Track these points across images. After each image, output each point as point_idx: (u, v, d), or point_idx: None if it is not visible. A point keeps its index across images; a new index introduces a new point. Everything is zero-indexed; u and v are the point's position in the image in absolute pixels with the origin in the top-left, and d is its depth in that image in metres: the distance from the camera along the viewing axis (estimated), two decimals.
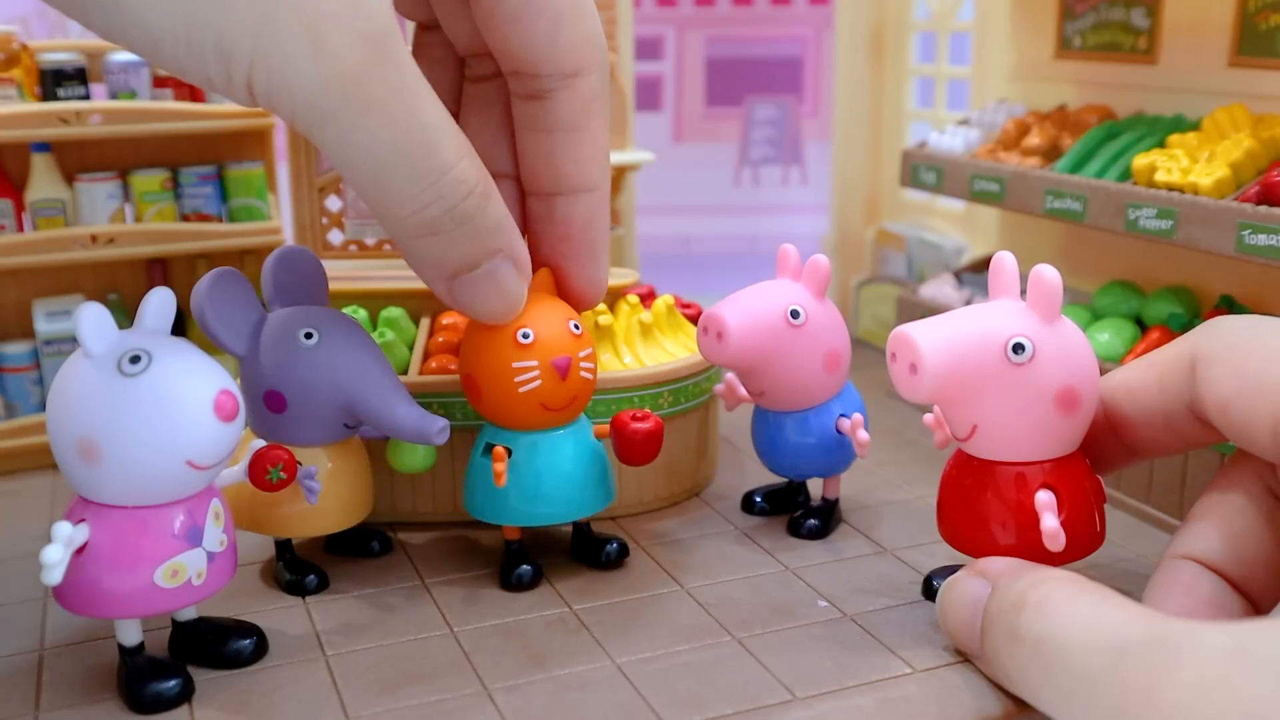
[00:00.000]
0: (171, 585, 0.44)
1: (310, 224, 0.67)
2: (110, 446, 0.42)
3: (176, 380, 0.43)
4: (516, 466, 0.53)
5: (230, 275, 0.51)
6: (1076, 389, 0.46)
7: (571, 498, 0.54)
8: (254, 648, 0.49)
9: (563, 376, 0.52)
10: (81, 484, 0.44)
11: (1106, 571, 0.56)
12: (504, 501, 0.54)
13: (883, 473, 0.69)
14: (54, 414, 0.43)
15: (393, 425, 0.51)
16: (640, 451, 0.55)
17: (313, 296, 0.55)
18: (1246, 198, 0.58)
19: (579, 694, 0.46)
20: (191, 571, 0.45)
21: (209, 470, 0.44)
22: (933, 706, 0.45)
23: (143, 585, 0.44)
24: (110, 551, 0.44)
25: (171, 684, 0.46)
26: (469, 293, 0.48)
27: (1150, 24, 0.73)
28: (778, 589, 0.55)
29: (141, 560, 0.44)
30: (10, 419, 0.71)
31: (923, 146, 0.84)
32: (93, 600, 0.44)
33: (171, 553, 0.44)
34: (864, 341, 0.97)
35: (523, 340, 0.51)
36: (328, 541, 0.59)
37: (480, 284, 0.48)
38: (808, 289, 0.58)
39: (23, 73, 0.71)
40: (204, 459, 0.43)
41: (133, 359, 0.43)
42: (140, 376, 0.42)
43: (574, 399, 0.53)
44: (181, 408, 0.43)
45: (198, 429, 0.43)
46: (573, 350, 0.52)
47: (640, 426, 0.54)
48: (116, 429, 0.42)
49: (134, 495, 0.43)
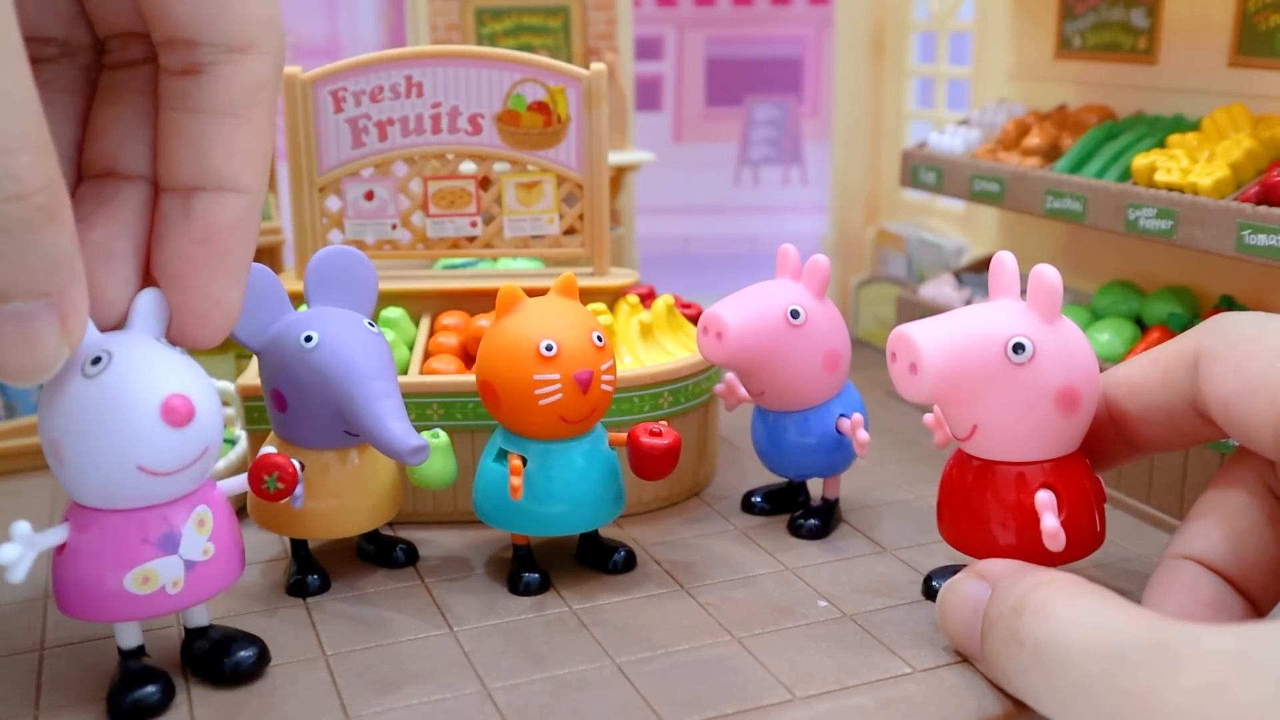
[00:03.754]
0: (143, 591, 0.43)
1: (310, 224, 0.67)
2: (69, 449, 0.42)
3: (126, 383, 0.41)
4: (530, 475, 0.53)
5: (255, 271, 0.51)
6: (1076, 389, 0.46)
7: (583, 509, 0.54)
8: (255, 660, 0.48)
9: (584, 390, 0.51)
10: (63, 485, 0.44)
11: (1107, 571, 0.56)
12: (515, 509, 0.54)
13: (883, 473, 0.69)
14: (38, 414, 0.43)
15: (373, 438, 0.50)
16: (656, 467, 0.54)
17: (353, 300, 0.54)
18: (1246, 198, 0.58)
19: (579, 694, 0.46)
20: (165, 579, 0.44)
21: (170, 476, 0.42)
22: (933, 706, 0.45)
23: (113, 589, 0.43)
24: (82, 554, 0.43)
25: (150, 689, 0.45)
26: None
27: (1150, 24, 0.73)
28: (778, 589, 0.55)
29: (110, 564, 0.43)
30: (10, 419, 0.71)
31: (923, 146, 0.84)
32: (71, 601, 0.44)
33: (141, 559, 0.43)
34: (864, 341, 0.97)
35: (546, 353, 0.51)
36: (358, 550, 0.59)
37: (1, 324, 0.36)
38: (808, 289, 0.58)
39: None
40: (156, 464, 0.42)
41: (94, 360, 0.41)
42: (98, 378, 0.41)
43: (593, 411, 0.52)
44: (128, 411, 0.41)
45: (146, 434, 0.41)
46: (595, 364, 0.51)
47: (657, 443, 0.53)
48: (72, 432, 0.41)
49: (97, 498, 0.43)
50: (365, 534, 0.57)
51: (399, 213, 0.68)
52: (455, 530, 0.62)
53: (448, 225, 0.69)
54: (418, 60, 0.65)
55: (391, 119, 0.66)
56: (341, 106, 0.66)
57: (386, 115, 0.66)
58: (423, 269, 0.73)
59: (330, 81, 0.65)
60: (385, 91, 0.66)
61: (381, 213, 0.68)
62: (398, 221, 0.68)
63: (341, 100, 0.65)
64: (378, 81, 0.65)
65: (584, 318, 0.53)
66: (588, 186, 0.67)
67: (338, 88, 0.65)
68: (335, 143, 0.66)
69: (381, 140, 0.66)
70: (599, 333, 0.52)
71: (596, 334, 0.52)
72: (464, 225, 0.68)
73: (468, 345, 0.64)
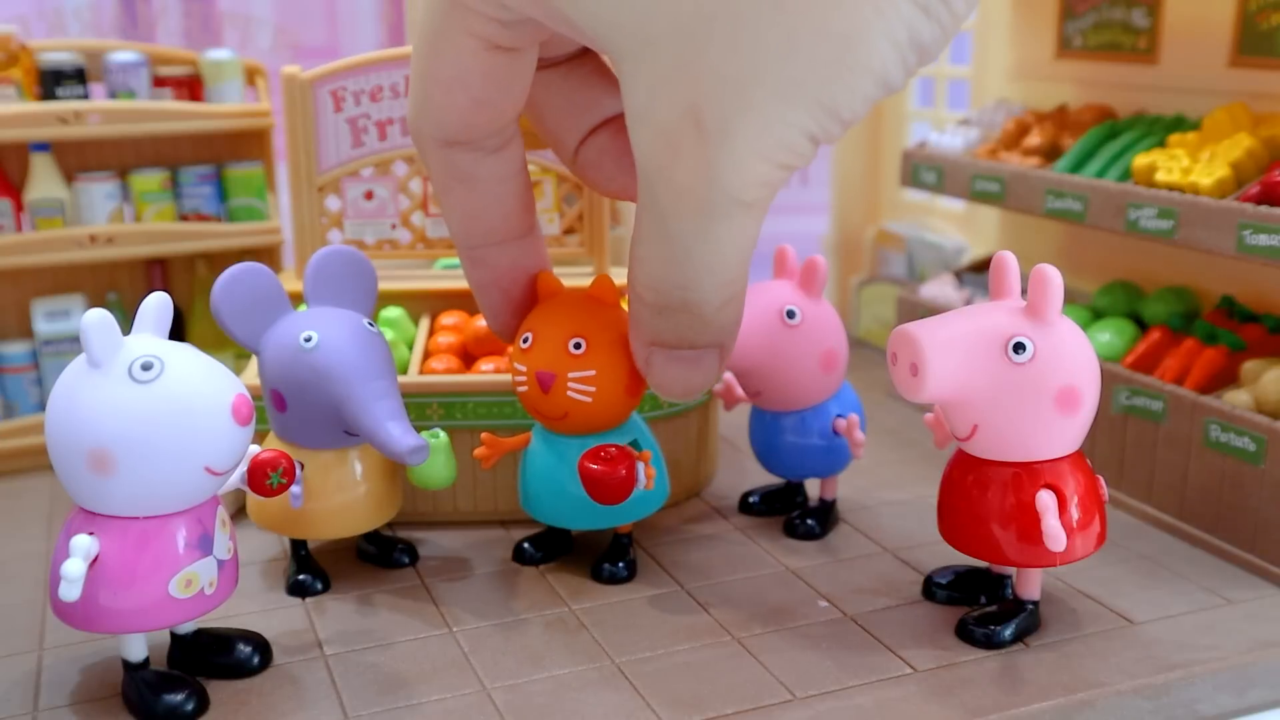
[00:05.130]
0: (185, 595, 0.44)
1: (310, 224, 0.66)
2: (126, 456, 0.41)
3: (194, 385, 0.42)
4: (528, 456, 0.55)
5: (253, 271, 0.51)
6: (1077, 389, 0.46)
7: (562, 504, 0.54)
8: (259, 656, 0.48)
9: (544, 390, 0.50)
10: (89, 496, 0.43)
11: (1107, 571, 0.56)
12: (527, 490, 0.55)
13: (882, 473, 0.69)
14: (59, 425, 0.42)
15: (372, 438, 0.50)
16: (596, 492, 0.51)
17: (353, 300, 0.54)
18: (1247, 197, 0.58)
19: (579, 694, 0.46)
20: (204, 580, 0.44)
21: (224, 475, 0.44)
22: (933, 706, 0.45)
23: (157, 597, 0.43)
24: (122, 564, 0.43)
25: (181, 696, 0.45)
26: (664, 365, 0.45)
27: (1151, 24, 0.73)
28: (778, 589, 0.55)
29: (154, 571, 0.43)
30: (10, 419, 0.71)
31: (923, 146, 0.84)
32: (103, 615, 0.43)
33: (185, 562, 0.43)
34: (864, 341, 0.96)
35: (522, 345, 0.51)
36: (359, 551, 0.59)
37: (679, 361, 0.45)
38: (804, 289, 0.58)
39: (22, 72, 0.71)
40: (221, 464, 0.43)
41: (145, 365, 0.42)
42: (154, 383, 0.41)
43: (566, 414, 0.51)
44: (200, 413, 0.42)
45: (216, 434, 0.42)
46: (561, 368, 0.50)
47: (591, 466, 0.51)
48: (133, 437, 0.41)
49: (148, 504, 0.43)
50: (365, 534, 0.57)
51: (399, 213, 0.68)
52: (455, 530, 0.61)
53: None
54: None
55: (391, 119, 0.66)
56: (341, 106, 0.66)
57: (386, 115, 0.66)
58: (423, 269, 0.73)
59: (330, 81, 0.65)
60: (385, 91, 0.66)
61: (381, 213, 0.68)
62: (397, 221, 0.68)
63: (341, 100, 0.65)
64: (378, 81, 0.65)
65: (573, 322, 0.51)
66: None
67: (338, 87, 0.65)
68: (335, 142, 0.66)
69: (381, 140, 0.66)
70: (580, 340, 0.50)
71: (576, 341, 0.50)
72: None
73: (467, 345, 0.64)
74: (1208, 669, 0.48)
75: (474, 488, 0.62)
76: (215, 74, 0.76)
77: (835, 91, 0.33)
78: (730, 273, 0.40)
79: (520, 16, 0.38)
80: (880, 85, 0.34)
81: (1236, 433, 0.57)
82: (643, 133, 0.36)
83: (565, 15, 0.36)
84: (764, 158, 0.35)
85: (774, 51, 0.33)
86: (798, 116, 0.34)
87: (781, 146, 0.34)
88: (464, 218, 0.47)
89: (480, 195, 0.46)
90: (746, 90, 0.33)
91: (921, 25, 0.33)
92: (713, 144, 0.34)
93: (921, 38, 0.33)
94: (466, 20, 0.39)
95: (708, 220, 0.37)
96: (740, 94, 0.33)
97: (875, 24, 0.32)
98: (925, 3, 0.32)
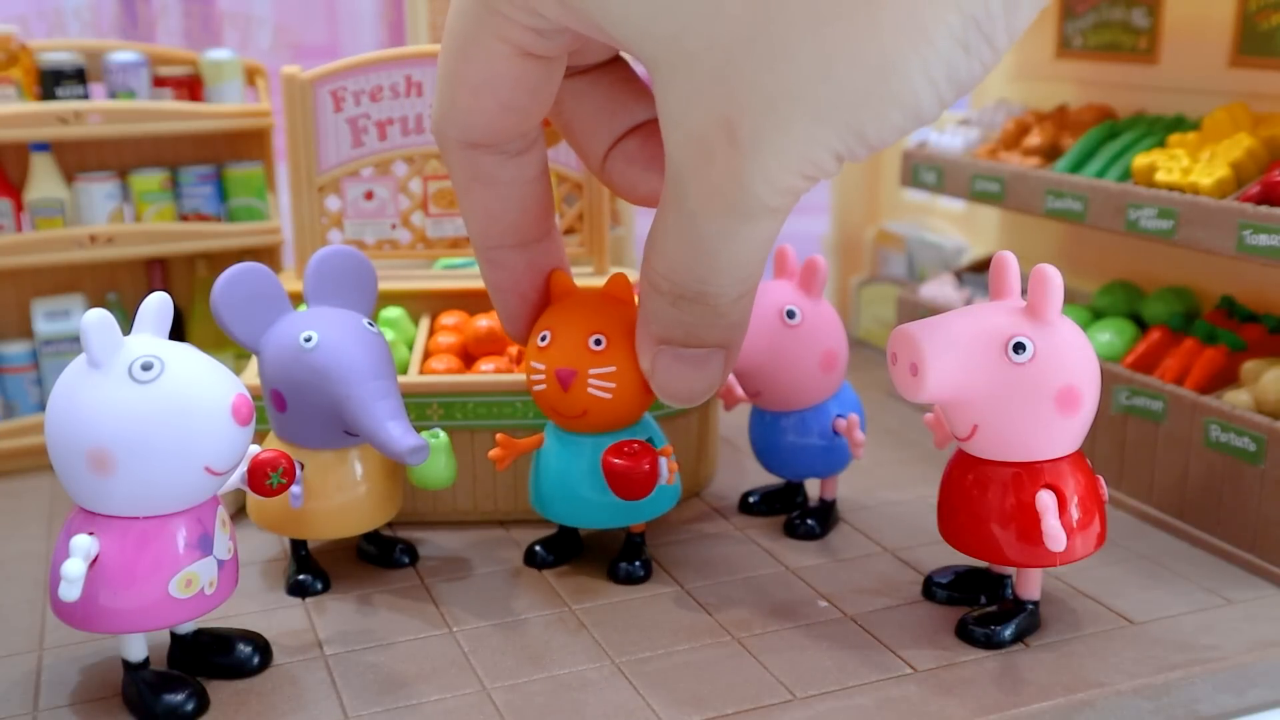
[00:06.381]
0: (185, 595, 0.44)
1: (310, 224, 0.66)
2: (126, 455, 0.41)
3: (194, 385, 0.42)
4: (540, 457, 0.55)
5: (252, 271, 0.51)
6: (1077, 389, 0.46)
7: (574, 504, 0.54)
8: (259, 656, 0.48)
9: (564, 388, 0.50)
10: (89, 496, 0.43)
11: (1107, 571, 0.56)
12: (537, 490, 0.55)
13: (882, 473, 0.69)
14: (59, 425, 0.42)
15: (371, 438, 0.50)
16: (619, 487, 0.51)
17: (353, 300, 0.54)
18: (1247, 197, 0.58)
19: (579, 694, 0.46)
20: (204, 580, 0.44)
21: (224, 475, 0.44)
22: (933, 706, 0.45)
23: (157, 597, 0.43)
24: (122, 564, 0.43)
25: (182, 696, 0.45)
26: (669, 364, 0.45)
27: (1151, 24, 0.73)
28: (778, 589, 0.55)
29: (154, 571, 0.43)
30: (10, 419, 0.71)
31: (923, 146, 0.84)
32: (103, 615, 0.43)
33: (185, 562, 0.43)
34: (864, 341, 0.96)
35: (540, 343, 0.51)
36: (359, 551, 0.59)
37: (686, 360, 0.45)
38: (804, 289, 0.58)
39: (22, 72, 0.71)
40: (221, 464, 0.43)
41: (145, 365, 0.42)
42: (154, 383, 0.41)
43: (585, 412, 0.51)
44: (200, 413, 0.42)
45: (216, 434, 0.42)
46: (582, 364, 0.50)
47: (616, 462, 0.51)
48: (132, 437, 0.41)
49: (148, 504, 0.43)
50: (365, 534, 0.57)
51: (399, 212, 0.68)
52: (455, 530, 0.61)
53: (448, 225, 0.69)
54: (418, 60, 0.65)
55: (391, 119, 0.66)
56: (341, 106, 0.66)
57: (386, 115, 0.66)
58: (423, 269, 0.73)
59: (330, 81, 0.65)
60: (385, 91, 0.66)
61: (381, 212, 0.68)
62: (397, 221, 0.68)
63: (341, 100, 0.65)
64: (378, 81, 0.65)
65: (592, 319, 0.51)
66: (587, 186, 0.67)
67: (338, 87, 0.65)
68: (335, 142, 0.66)
69: (381, 140, 0.66)
70: (600, 337, 0.50)
71: (596, 338, 0.50)
72: (464, 225, 0.68)
73: (467, 345, 0.64)
74: (1208, 669, 0.48)
75: (474, 488, 0.62)
76: (215, 74, 0.76)
77: (865, 119, 0.34)
78: (749, 268, 0.41)
79: (556, 25, 0.38)
80: (912, 118, 0.34)
81: (1236, 433, 0.57)
82: (675, 135, 0.36)
83: (601, 26, 0.36)
84: (792, 170, 0.35)
85: (809, 76, 0.33)
86: (827, 136, 0.34)
87: (809, 162, 0.35)
88: (484, 218, 0.47)
89: (501, 197, 0.47)
90: (780, 109, 0.34)
91: (960, 62, 0.33)
92: (744, 154, 0.35)
93: (959, 74, 0.33)
94: (500, 26, 0.39)
95: (735, 221, 0.38)
96: (773, 111, 0.34)
97: (912, 59, 0.32)
98: (967, 40, 0.32)
